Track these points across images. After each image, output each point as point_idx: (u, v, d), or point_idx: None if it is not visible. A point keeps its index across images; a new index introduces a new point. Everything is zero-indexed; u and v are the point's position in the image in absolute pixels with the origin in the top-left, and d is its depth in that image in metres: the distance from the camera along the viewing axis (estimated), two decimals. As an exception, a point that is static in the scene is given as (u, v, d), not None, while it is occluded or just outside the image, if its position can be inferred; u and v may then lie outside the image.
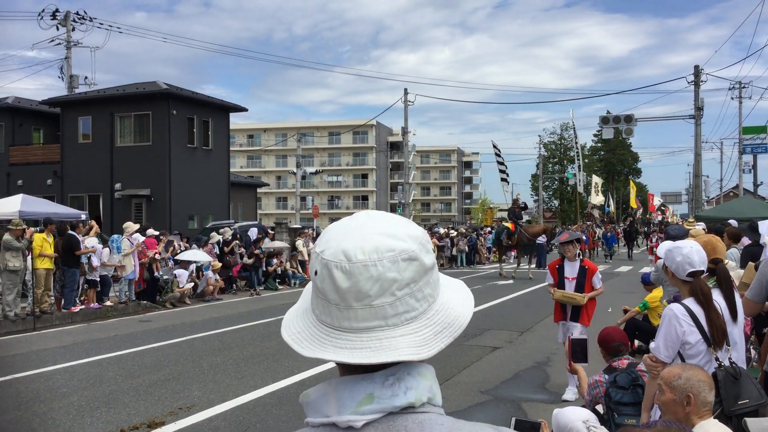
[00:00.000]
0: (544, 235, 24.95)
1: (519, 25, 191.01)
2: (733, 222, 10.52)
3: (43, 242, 13.23)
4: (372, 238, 1.00)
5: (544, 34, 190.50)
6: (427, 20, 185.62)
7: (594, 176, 42.79)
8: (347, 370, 1.02)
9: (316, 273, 1.02)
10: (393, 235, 1.01)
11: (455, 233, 30.90)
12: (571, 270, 7.25)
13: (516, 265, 23.96)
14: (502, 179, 33.48)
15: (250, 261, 19.30)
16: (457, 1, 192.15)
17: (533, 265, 24.62)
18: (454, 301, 1.07)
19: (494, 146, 33.74)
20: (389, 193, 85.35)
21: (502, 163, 33.93)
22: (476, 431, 1.00)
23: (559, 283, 7.27)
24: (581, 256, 7.55)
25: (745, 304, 3.94)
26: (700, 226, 11.15)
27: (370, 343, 0.98)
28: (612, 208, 45.95)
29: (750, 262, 6.11)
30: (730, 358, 3.23)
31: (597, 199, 40.42)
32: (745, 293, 4.13)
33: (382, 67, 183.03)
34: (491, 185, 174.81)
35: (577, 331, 6.95)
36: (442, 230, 31.95)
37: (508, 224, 23.73)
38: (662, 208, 65.26)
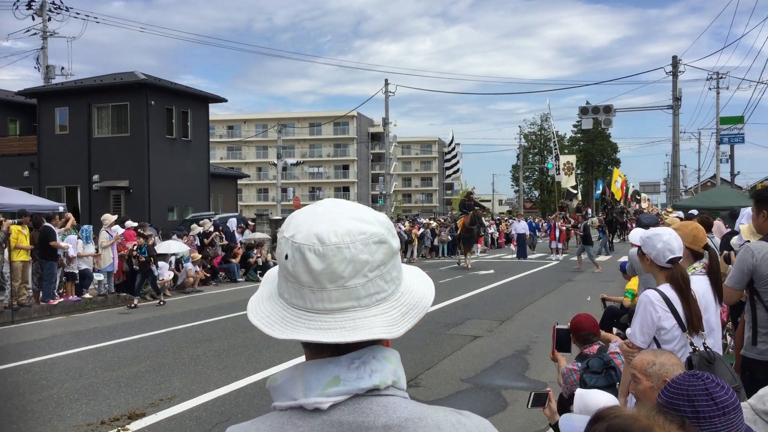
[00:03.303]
0: (493, 223, 24.82)
1: (501, 15, 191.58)
2: (693, 212, 11.15)
3: (19, 234, 13.09)
4: (343, 222, 1.03)
5: (526, 24, 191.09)
6: (409, 10, 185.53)
7: (563, 156, 40.53)
8: (314, 354, 1.05)
9: (286, 257, 1.04)
10: (362, 219, 1.05)
11: (435, 224, 31.01)
12: None
13: (464, 257, 23.58)
14: (453, 171, 33.28)
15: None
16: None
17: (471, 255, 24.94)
18: (416, 284, 1.12)
19: (452, 138, 33.33)
20: (370, 184, 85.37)
21: (453, 155, 33.55)
22: (438, 414, 1.04)
23: None
24: None
25: (726, 292, 4.02)
26: (676, 215, 11.36)
27: (344, 323, 1.01)
28: (578, 196, 42.22)
29: (725, 251, 6.21)
30: (704, 344, 3.29)
31: (569, 182, 38.33)
32: (726, 282, 4.20)
33: (364, 57, 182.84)
34: (472, 176, 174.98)
35: None
36: (424, 220, 32.04)
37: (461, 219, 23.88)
38: (637, 197, 65.50)
